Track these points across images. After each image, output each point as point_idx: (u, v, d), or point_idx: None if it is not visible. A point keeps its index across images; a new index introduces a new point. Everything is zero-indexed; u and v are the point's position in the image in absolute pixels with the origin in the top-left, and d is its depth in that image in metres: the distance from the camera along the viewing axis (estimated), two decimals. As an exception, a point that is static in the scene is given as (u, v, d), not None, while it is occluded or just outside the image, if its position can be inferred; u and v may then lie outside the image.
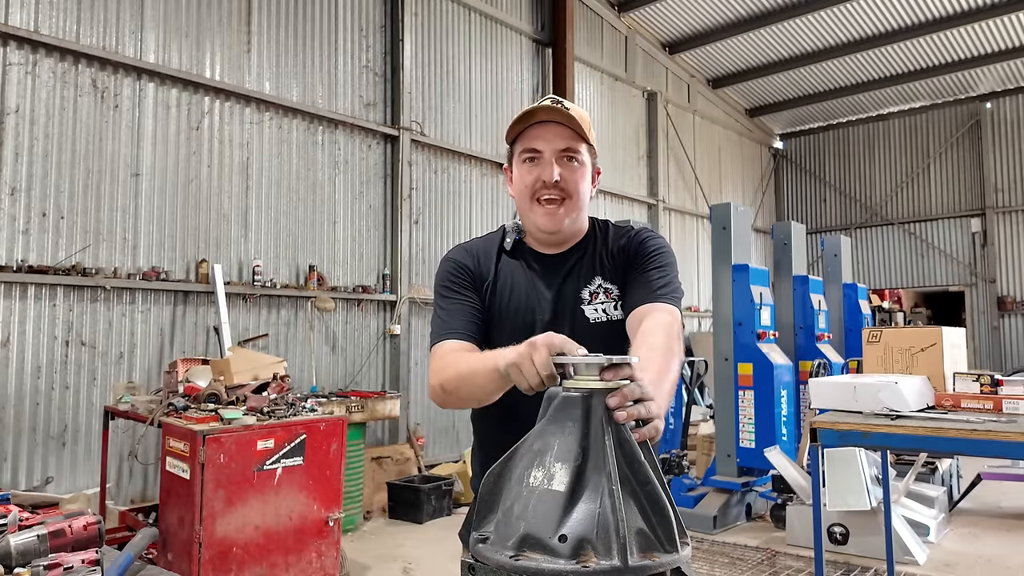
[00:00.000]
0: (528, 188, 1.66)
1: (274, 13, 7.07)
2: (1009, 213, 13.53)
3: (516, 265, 1.74)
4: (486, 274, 1.73)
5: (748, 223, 6.83)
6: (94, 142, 5.80)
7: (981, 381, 3.33)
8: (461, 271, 1.73)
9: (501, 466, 0.96)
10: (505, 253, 1.76)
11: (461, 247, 1.80)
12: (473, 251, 1.78)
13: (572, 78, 10.03)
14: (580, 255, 1.74)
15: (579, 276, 1.72)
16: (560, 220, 1.66)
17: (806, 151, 16.14)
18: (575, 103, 10.24)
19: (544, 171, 1.63)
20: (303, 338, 7.05)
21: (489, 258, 1.75)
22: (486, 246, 1.79)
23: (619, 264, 1.72)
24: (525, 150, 1.66)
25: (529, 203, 1.67)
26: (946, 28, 11.39)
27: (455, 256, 1.77)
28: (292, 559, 4.00)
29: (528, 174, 1.65)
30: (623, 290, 1.70)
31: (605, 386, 0.92)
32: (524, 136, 1.66)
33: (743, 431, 6.04)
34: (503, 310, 1.71)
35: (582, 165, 1.67)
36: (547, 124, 1.63)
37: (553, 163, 1.62)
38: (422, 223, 8.27)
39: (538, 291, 1.71)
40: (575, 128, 1.62)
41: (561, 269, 1.73)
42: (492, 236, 1.83)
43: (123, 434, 5.73)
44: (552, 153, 1.63)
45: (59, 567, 1.47)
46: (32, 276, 5.35)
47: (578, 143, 1.65)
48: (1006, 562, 5.04)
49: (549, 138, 1.63)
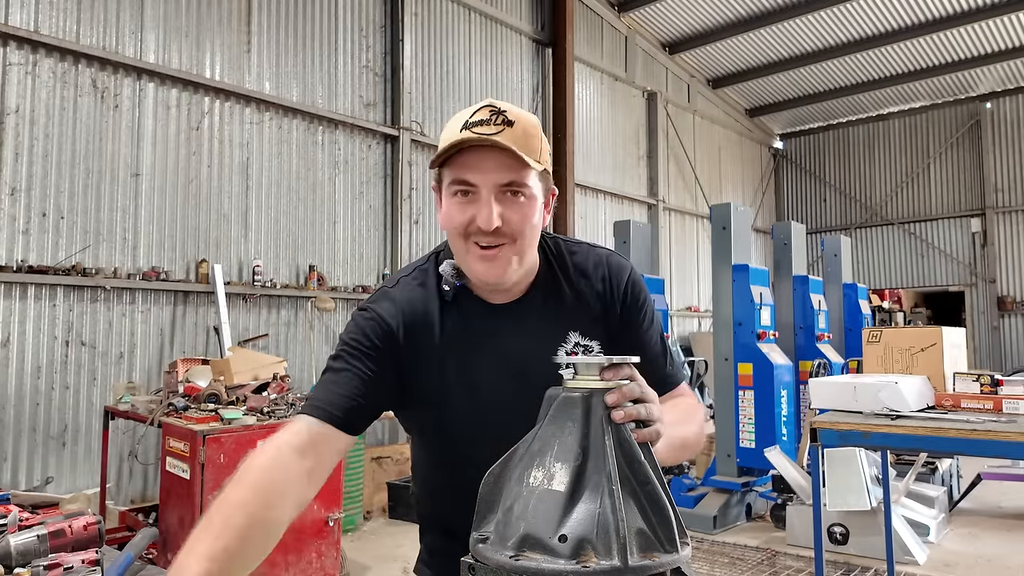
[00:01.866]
0: (459, 230, 1.26)
1: (274, 13, 7.07)
2: (1009, 213, 13.53)
3: (463, 322, 1.35)
4: (427, 341, 1.33)
5: (748, 223, 6.83)
6: (94, 142, 5.80)
7: (981, 381, 3.33)
8: (378, 337, 1.31)
9: (501, 466, 0.96)
10: (445, 305, 1.35)
11: (390, 298, 1.35)
12: (409, 307, 1.34)
13: (572, 78, 10.03)
14: (543, 301, 1.37)
15: (548, 332, 1.35)
16: (502, 269, 1.26)
17: (806, 151, 16.14)
18: (575, 103, 10.17)
19: (480, 213, 1.22)
20: (303, 338, 7.05)
21: (430, 318, 1.34)
22: (422, 300, 1.36)
23: (597, 314, 1.39)
24: (456, 181, 1.24)
25: (463, 243, 1.27)
26: (946, 28, 11.40)
27: (378, 311, 1.33)
28: (292, 559, 4.00)
29: (459, 212, 1.25)
30: (606, 347, 1.38)
31: (605, 386, 0.92)
32: (455, 162, 1.24)
33: (743, 431, 6.04)
34: (457, 382, 1.33)
35: (530, 199, 1.26)
36: (486, 148, 1.21)
37: (491, 203, 1.22)
38: (422, 223, 8.27)
39: (500, 355, 1.34)
40: (519, 156, 1.20)
41: (524, 323, 1.35)
42: (424, 276, 1.39)
43: (123, 434, 5.73)
44: (491, 190, 1.22)
45: (59, 567, 1.47)
46: (32, 276, 5.35)
47: (525, 172, 1.23)
48: (1006, 562, 5.04)
49: (487, 168, 1.22)
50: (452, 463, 1.41)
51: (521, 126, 1.23)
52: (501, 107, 1.24)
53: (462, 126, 1.23)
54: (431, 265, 1.40)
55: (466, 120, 1.23)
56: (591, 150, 10.93)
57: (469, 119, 1.23)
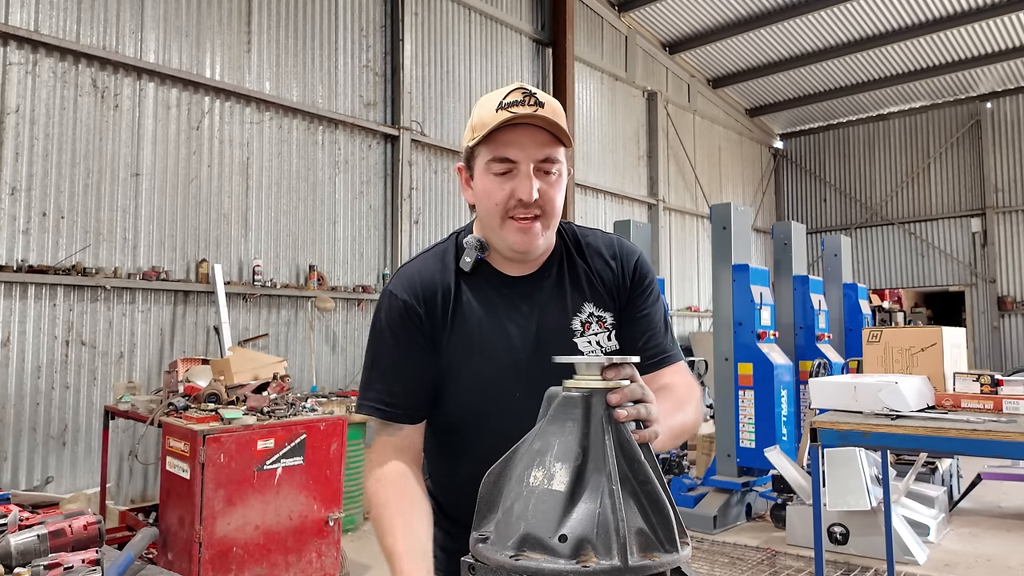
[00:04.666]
0: (500, 206, 1.36)
1: (274, 13, 7.07)
2: (1009, 213, 13.53)
3: (480, 291, 1.44)
4: (443, 310, 1.42)
5: (748, 223, 6.83)
6: (94, 142, 5.80)
7: (981, 381, 3.33)
8: (410, 318, 1.40)
9: (501, 466, 0.96)
10: (463, 276, 1.44)
11: (406, 275, 1.45)
12: (423, 281, 1.43)
13: (572, 78, 10.03)
14: (558, 275, 1.47)
15: (564, 302, 1.45)
16: (535, 238, 1.38)
17: (806, 151, 16.14)
18: (575, 103, 10.20)
19: (520, 187, 1.33)
20: (303, 338, 7.05)
21: (446, 288, 1.43)
22: (440, 270, 1.45)
23: (608, 288, 1.48)
24: (496, 159, 1.34)
25: (499, 219, 1.37)
26: (946, 28, 11.39)
27: (400, 292, 1.42)
28: (292, 559, 4.00)
29: (499, 189, 1.35)
30: (617, 319, 1.47)
31: (605, 386, 0.92)
32: (494, 140, 1.33)
33: (743, 431, 6.04)
34: (471, 349, 1.41)
35: (559, 176, 1.38)
36: (523, 127, 1.32)
37: (531, 177, 1.33)
38: (422, 223, 8.27)
39: (516, 323, 1.42)
40: (555, 131, 1.33)
41: (540, 294, 1.45)
42: (443, 252, 1.49)
43: (123, 434, 5.73)
44: (530, 164, 1.34)
45: (59, 567, 1.47)
46: (32, 276, 5.35)
47: (558, 149, 1.36)
48: (1006, 562, 5.04)
49: (525, 145, 1.33)
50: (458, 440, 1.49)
51: (551, 107, 1.34)
52: (532, 89, 1.35)
53: (498, 106, 1.33)
54: (450, 243, 1.50)
55: (501, 101, 1.33)
56: (591, 150, 10.93)
57: (504, 100, 1.33)
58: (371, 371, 1.43)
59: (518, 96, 1.33)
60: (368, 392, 1.42)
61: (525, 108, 1.31)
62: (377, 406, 1.40)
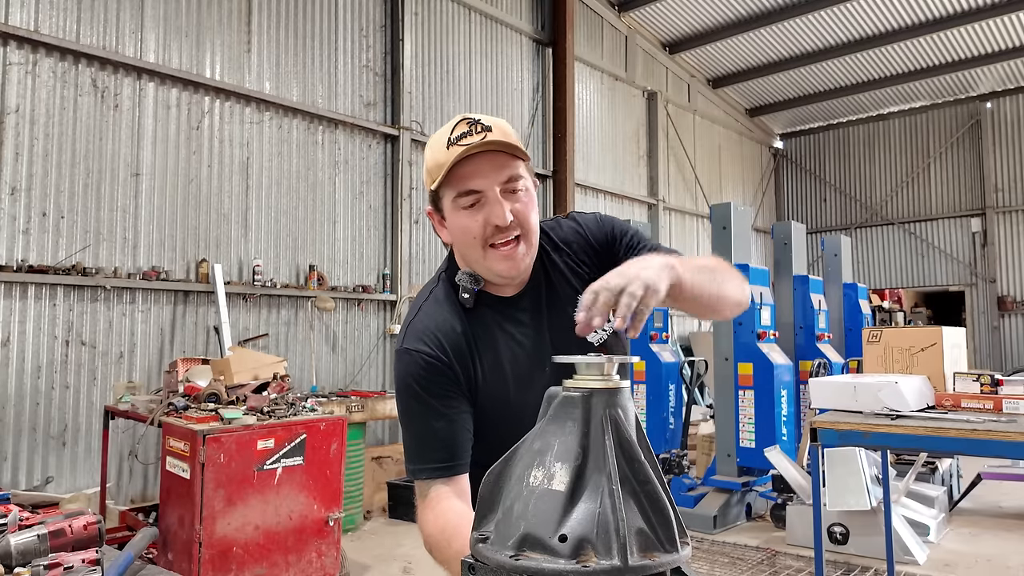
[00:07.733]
0: (478, 238, 1.36)
1: (274, 13, 7.07)
2: (1009, 213, 13.53)
3: (490, 321, 1.45)
4: (468, 351, 1.42)
5: (748, 223, 6.83)
6: (94, 142, 5.80)
7: (981, 381, 3.33)
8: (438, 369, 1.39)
9: (501, 465, 0.96)
10: (468, 313, 1.45)
11: (419, 330, 1.42)
12: (439, 330, 1.42)
13: (572, 78, 10.03)
14: (547, 280, 1.50)
15: (562, 303, 1.46)
16: (520, 261, 1.39)
17: (806, 151, 16.14)
18: (575, 103, 10.22)
19: (493, 213, 1.34)
20: (303, 338, 7.05)
21: (462, 329, 1.43)
22: (448, 315, 1.44)
23: (592, 268, 1.50)
24: (461, 193, 1.35)
25: (481, 250, 1.38)
26: (946, 28, 11.39)
27: (422, 347, 1.40)
28: (292, 559, 4.00)
29: (472, 221, 1.36)
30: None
31: (605, 385, 0.92)
32: (454, 176, 1.34)
33: (743, 431, 6.04)
34: (504, 378, 1.44)
35: (527, 191, 1.39)
36: (478, 155, 1.33)
37: (500, 200, 1.34)
38: (422, 223, 8.26)
39: (530, 338, 1.46)
40: (509, 150, 1.34)
41: (540, 304, 1.48)
42: (443, 297, 1.47)
43: (123, 434, 5.73)
44: (495, 189, 1.34)
45: (59, 567, 1.47)
46: (32, 276, 5.35)
47: (517, 165, 1.37)
48: (1006, 562, 5.04)
49: (486, 171, 1.34)
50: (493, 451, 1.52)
51: (499, 128, 1.35)
52: (475, 117, 1.36)
53: (448, 143, 1.34)
54: (443, 286, 1.49)
55: (449, 137, 1.34)
56: (591, 150, 10.93)
57: (451, 136, 1.34)
58: (413, 436, 1.41)
59: (464, 128, 1.34)
60: (419, 459, 1.40)
61: (474, 137, 1.32)
62: (437, 467, 1.38)
